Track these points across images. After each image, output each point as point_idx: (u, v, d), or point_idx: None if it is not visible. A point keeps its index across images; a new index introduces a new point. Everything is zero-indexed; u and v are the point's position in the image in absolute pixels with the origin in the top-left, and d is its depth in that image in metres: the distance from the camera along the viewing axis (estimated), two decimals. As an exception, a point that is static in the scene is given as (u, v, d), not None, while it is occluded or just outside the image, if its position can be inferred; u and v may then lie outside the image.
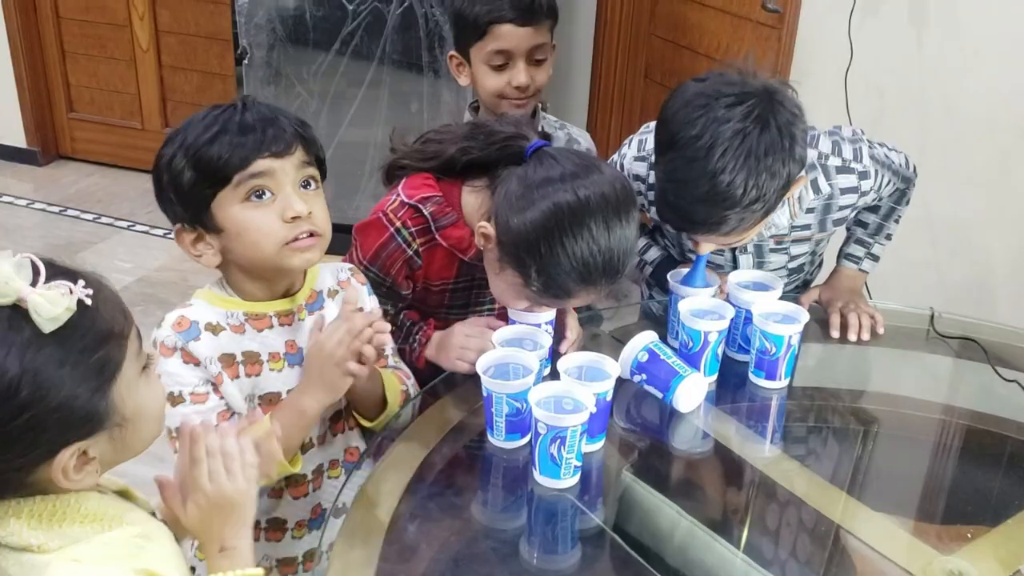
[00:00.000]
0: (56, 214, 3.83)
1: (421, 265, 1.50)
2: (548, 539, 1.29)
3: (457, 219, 1.47)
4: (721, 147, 1.35)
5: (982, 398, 1.63)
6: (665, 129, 1.43)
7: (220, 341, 1.27)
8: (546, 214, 1.29)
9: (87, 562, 0.90)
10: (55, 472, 0.90)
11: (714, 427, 1.49)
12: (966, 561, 1.21)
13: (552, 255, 1.29)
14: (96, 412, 0.90)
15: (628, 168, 1.72)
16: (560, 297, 1.35)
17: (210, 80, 3.91)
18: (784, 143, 1.39)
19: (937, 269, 2.59)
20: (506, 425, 1.33)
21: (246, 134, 1.20)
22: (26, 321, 0.85)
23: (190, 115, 1.26)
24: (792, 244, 1.73)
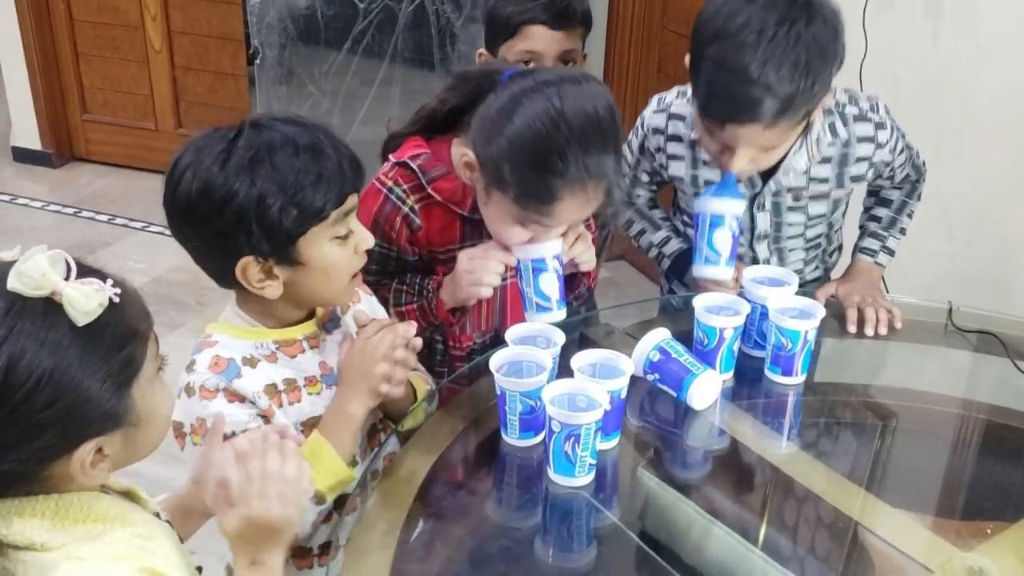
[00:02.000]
0: (71, 215, 3.85)
1: (420, 226, 1.49)
2: (563, 537, 1.28)
3: (447, 172, 1.47)
4: (771, 31, 1.39)
5: (1001, 392, 1.61)
6: (708, 24, 1.45)
7: (259, 374, 1.25)
8: (523, 119, 1.30)
9: (91, 560, 0.91)
10: (74, 465, 0.91)
11: (730, 424, 1.48)
12: (986, 557, 1.20)
13: (530, 154, 1.30)
14: (117, 409, 0.91)
15: (648, 123, 1.73)
16: (546, 202, 1.33)
17: (223, 80, 3.92)
18: (828, 32, 1.43)
19: (954, 262, 2.56)
20: (520, 423, 1.32)
21: (344, 172, 1.21)
22: (59, 315, 0.87)
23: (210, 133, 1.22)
24: (810, 202, 1.71)
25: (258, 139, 1.18)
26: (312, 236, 1.21)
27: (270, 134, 1.19)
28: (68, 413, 0.87)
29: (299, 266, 1.22)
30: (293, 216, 1.17)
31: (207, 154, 1.17)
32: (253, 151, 1.17)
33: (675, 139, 1.71)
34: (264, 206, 1.16)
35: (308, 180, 1.18)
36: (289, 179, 1.17)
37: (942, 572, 1.18)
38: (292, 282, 1.24)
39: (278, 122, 1.21)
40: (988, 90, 2.42)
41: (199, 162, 1.17)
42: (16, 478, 0.90)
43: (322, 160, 1.19)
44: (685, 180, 1.73)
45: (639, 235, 1.87)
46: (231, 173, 1.16)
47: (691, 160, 1.71)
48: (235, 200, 1.16)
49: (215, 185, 1.16)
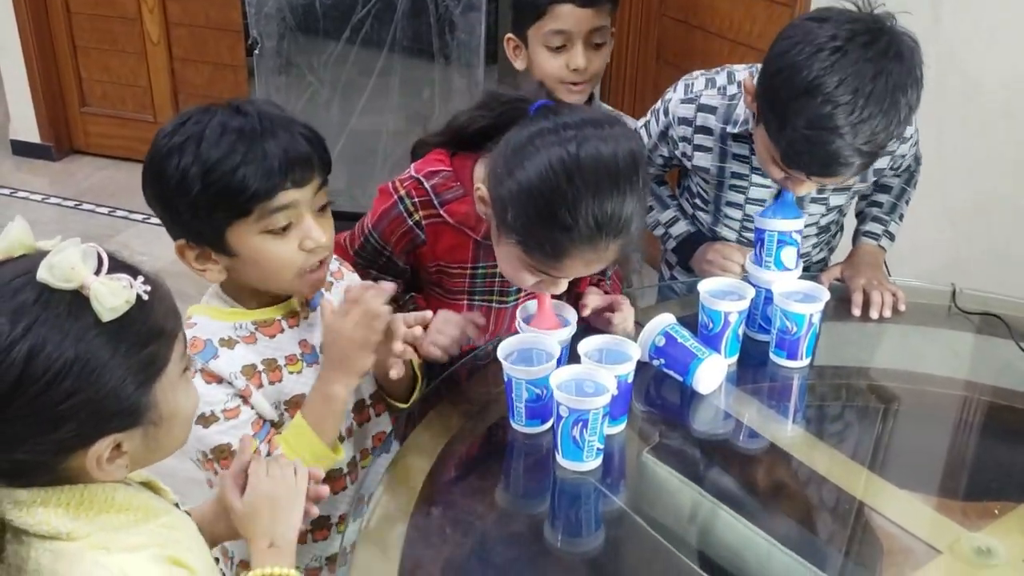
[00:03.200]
0: (71, 208, 3.85)
1: (425, 240, 1.47)
2: (572, 521, 1.29)
3: (464, 194, 1.43)
4: (867, 88, 1.35)
5: (1005, 373, 1.61)
6: (795, 72, 1.38)
7: (237, 354, 1.25)
8: (535, 168, 1.22)
9: (116, 550, 0.91)
10: (89, 460, 0.91)
11: (736, 408, 1.48)
12: (994, 537, 1.21)
13: (540, 208, 1.22)
14: (137, 406, 0.91)
15: (673, 111, 1.70)
16: (555, 258, 1.26)
17: (221, 72, 3.91)
18: (916, 73, 1.40)
19: (956, 251, 2.56)
20: (526, 411, 1.33)
21: (271, 164, 1.15)
22: (86, 308, 0.87)
23: (196, 108, 1.19)
24: (832, 194, 1.72)
25: (206, 119, 1.16)
26: (238, 228, 1.18)
27: (220, 118, 1.16)
28: (87, 406, 0.87)
29: (232, 256, 1.21)
30: (211, 206, 1.15)
31: (171, 125, 1.18)
32: (192, 130, 1.15)
33: (704, 131, 1.69)
34: (184, 189, 1.15)
35: (227, 168, 1.14)
36: (208, 165, 1.14)
37: (950, 552, 1.19)
38: (232, 269, 1.23)
39: (234, 107, 1.19)
40: (990, 75, 2.42)
41: (162, 131, 1.18)
42: (33, 468, 0.90)
43: (250, 149, 1.15)
44: (711, 171, 1.72)
45: (647, 212, 1.85)
46: (166, 150, 1.16)
47: (719, 152, 1.69)
48: (163, 178, 1.16)
49: (157, 159, 1.17)
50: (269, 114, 1.20)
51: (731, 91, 1.67)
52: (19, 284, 0.86)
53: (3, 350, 0.84)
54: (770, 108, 1.46)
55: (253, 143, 1.15)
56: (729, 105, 1.66)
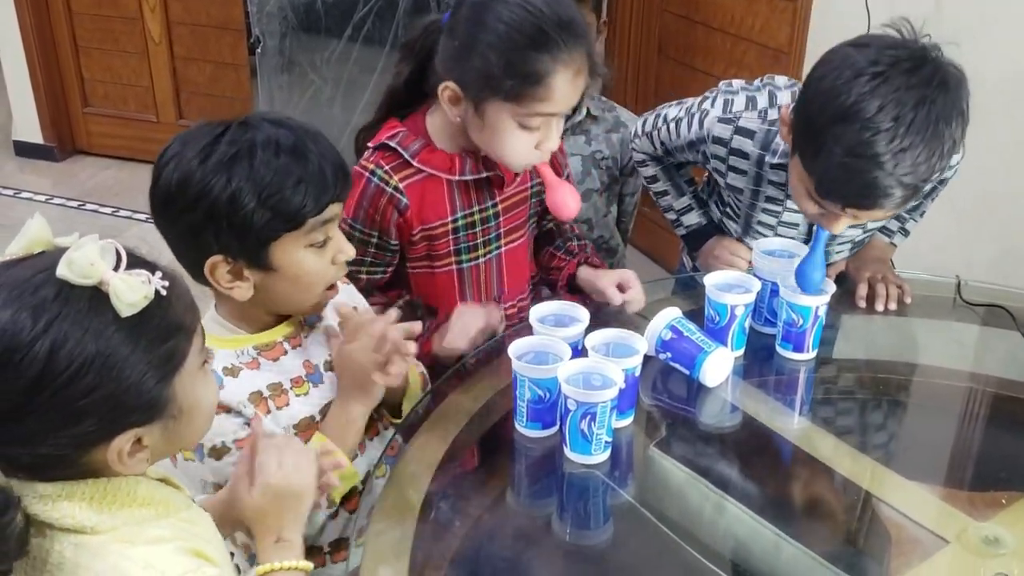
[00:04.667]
0: (75, 209, 3.86)
1: (409, 204, 1.47)
2: (580, 515, 1.29)
3: (427, 143, 1.47)
4: (908, 116, 1.30)
5: (1011, 365, 1.62)
6: (834, 101, 1.33)
7: (242, 382, 1.24)
8: (478, 15, 1.34)
9: (140, 543, 0.92)
10: (111, 454, 0.91)
11: (742, 400, 1.49)
12: (1001, 527, 1.21)
13: (499, 37, 1.33)
14: (158, 400, 0.92)
15: (709, 128, 1.64)
16: (539, 82, 1.34)
17: (223, 70, 3.92)
18: (961, 106, 1.35)
19: (961, 243, 2.56)
20: (528, 411, 1.32)
21: (325, 178, 1.19)
22: (105, 304, 0.87)
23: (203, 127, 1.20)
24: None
25: (242, 136, 1.17)
26: (285, 241, 1.19)
27: (254, 133, 1.17)
28: (108, 401, 0.88)
29: (270, 271, 1.21)
30: (266, 219, 1.16)
31: (191, 147, 1.17)
32: (235, 148, 1.16)
33: (740, 154, 1.63)
34: (237, 205, 1.15)
35: (286, 184, 1.16)
36: (266, 180, 1.15)
37: (958, 542, 1.19)
38: (263, 287, 1.22)
39: (266, 122, 1.20)
40: (993, 67, 2.41)
41: (182, 154, 1.17)
42: (55, 463, 0.91)
43: (303, 164, 1.17)
44: (744, 193, 1.69)
45: (661, 195, 1.84)
46: (209, 169, 1.15)
47: (755, 177, 1.65)
48: (209, 196, 1.15)
49: (192, 179, 1.15)
50: (307, 128, 1.22)
51: (772, 115, 1.60)
52: (39, 280, 0.87)
53: (25, 346, 0.85)
54: (806, 135, 1.40)
55: (305, 158, 1.18)
56: (769, 131, 1.60)
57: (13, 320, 0.85)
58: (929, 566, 1.18)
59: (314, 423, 1.30)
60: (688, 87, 2.98)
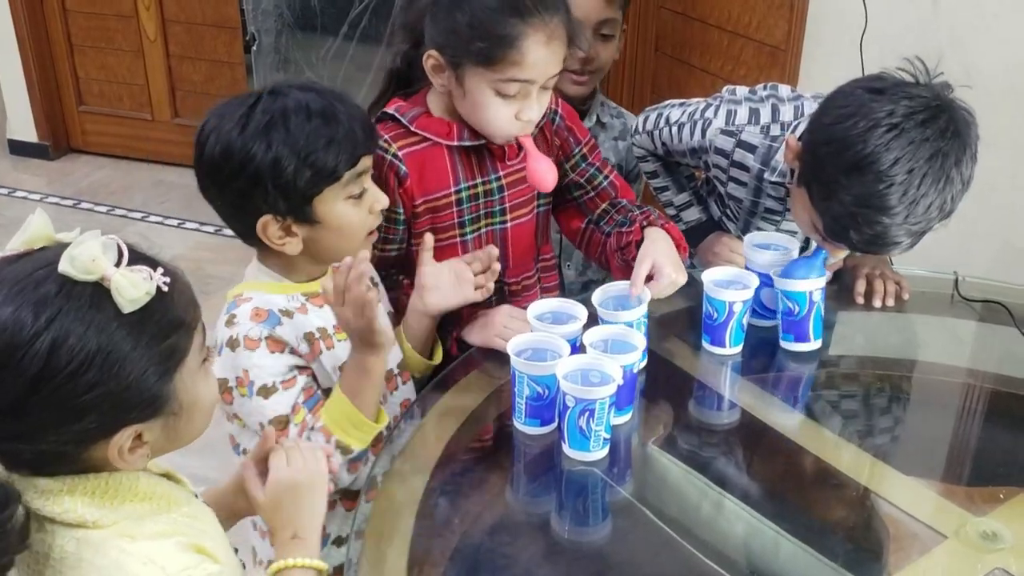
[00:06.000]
0: (70, 208, 3.84)
1: (408, 173, 1.48)
2: (579, 512, 1.29)
3: (426, 111, 1.50)
4: (922, 170, 1.31)
5: (1008, 361, 1.62)
6: (846, 149, 1.34)
7: (296, 323, 1.31)
8: None
9: (141, 538, 0.93)
10: (111, 450, 0.92)
11: (741, 397, 1.49)
12: (999, 522, 1.21)
13: (483, 8, 1.36)
14: (158, 397, 0.92)
15: (711, 139, 1.64)
16: (511, 46, 1.36)
17: (219, 68, 3.90)
18: (972, 149, 1.36)
19: (959, 236, 2.56)
20: (526, 408, 1.32)
21: (355, 134, 1.28)
22: (107, 300, 0.88)
23: (234, 100, 1.28)
24: None
25: (274, 105, 1.25)
26: (326, 196, 1.27)
27: (285, 100, 1.26)
28: (109, 397, 0.88)
29: (316, 224, 1.29)
30: (307, 177, 1.25)
31: (228, 119, 1.25)
32: (269, 116, 1.24)
33: (740, 166, 1.64)
34: (279, 168, 1.24)
35: (320, 143, 1.25)
36: (302, 142, 1.24)
37: (956, 537, 1.19)
38: (310, 239, 1.30)
39: (295, 88, 1.28)
40: (991, 60, 2.42)
41: (221, 127, 1.25)
42: (56, 459, 0.91)
43: (334, 124, 1.26)
44: (744, 202, 1.70)
45: (661, 190, 1.85)
46: (249, 137, 1.24)
47: (754, 189, 1.66)
48: (252, 163, 1.23)
49: (234, 148, 1.24)
50: (332, 91, 1.31)
51: (774, 131, 1.60)
52: (41, 276, 0.87)
53: (27, 341, 0.85)
54: (816, 177, 1.41)
55: (335, 118, 1.26)
56: (770, 147, 1.60)
57: (14, 316, 0.85)
58: (927, 561, 1.18)
59: None
60: (685, 84, 2.98)
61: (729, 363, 1.52)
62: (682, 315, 1.61)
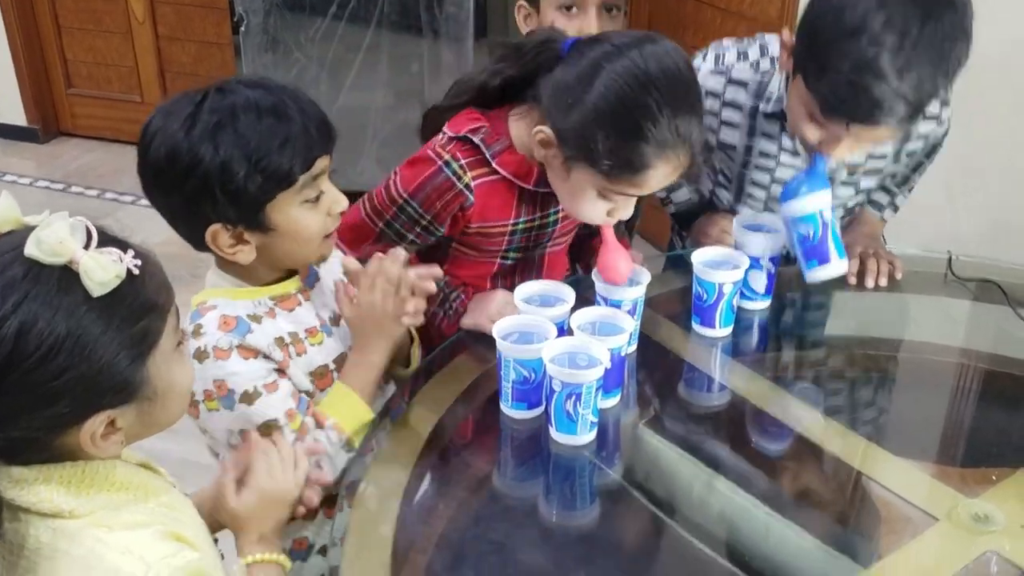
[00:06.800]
0: (60, 191, 3.82)
1: (473, 203, 1.43)
2: (567, 495, 1.28)
3: (509, 145, 1.42)
4: (915, 30, 1.30)
5: (1003, 340, 1.61)
6: (837, 17, 1.34)
7: (265, 328, 1.26)
8: (608, 86, 1.26)
9: (118, 528, 0.91)
10: (83, 436, 0.90)
11: (731, 379, 1.47)
12: (991, 504, 1.20)
13: (621, 122, 1.26)
14: (131, 382, 0.90)
15: (702, 83, 1.58)
16: (637, 171, 1.29)
17: (207, 49, 3.87)
18: (966, 26, 1.34)
19: (953, 214, 2.55)
20: (513, 392, 1.31)
21: (311, 134, 1.19)
22: (76, 283, 0.86)
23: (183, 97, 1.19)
24: (863, 177, 1.68)
25: (222, 103, 1.17)
26: (280, 202, 1.19)
27: (233, 98, 1.17)
28: (80, 383, 0.87)
29: (269, 231, 1.21)
30: (259, 183, 1.16)
31: (174, 119, 1.16)
32: (217, 116, 1.15)
33: (733, 106, 1.63)
34: (229, 173, 1.15)
35: (273, 144, 1.16)
36: (252, 144, 1.15)
37: (948, 519, 1.18)
38: (264, 246, 1.23)
39: (243, 86, 1.19)
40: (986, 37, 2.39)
41: (166, 127, 1.17)
42: (27, 446, 0.90)
43: (286, 122, 1.17)
44: (737, 149, 1.68)
45: None
46: (195, 139, 1.15)
47: (748, 129, 1.65)
48: (200, 167, 1.15)
49: (180, 151, 1.15)
50: (284, 87, 1.22)
51: (764, 66, 1.61)
52: (7, 260, 0.85)
53: None
54: (810, 54, 1.39)
55: (288, 117, 1.18)
56: (761, 82, 1.60)
57: None
58: (918, 544, 1.17)
59: (328, 371, 1.32)
60: (677, 63, 2.95)
61: (719, 344, 1.51)
62: (672, 297, 1.60)
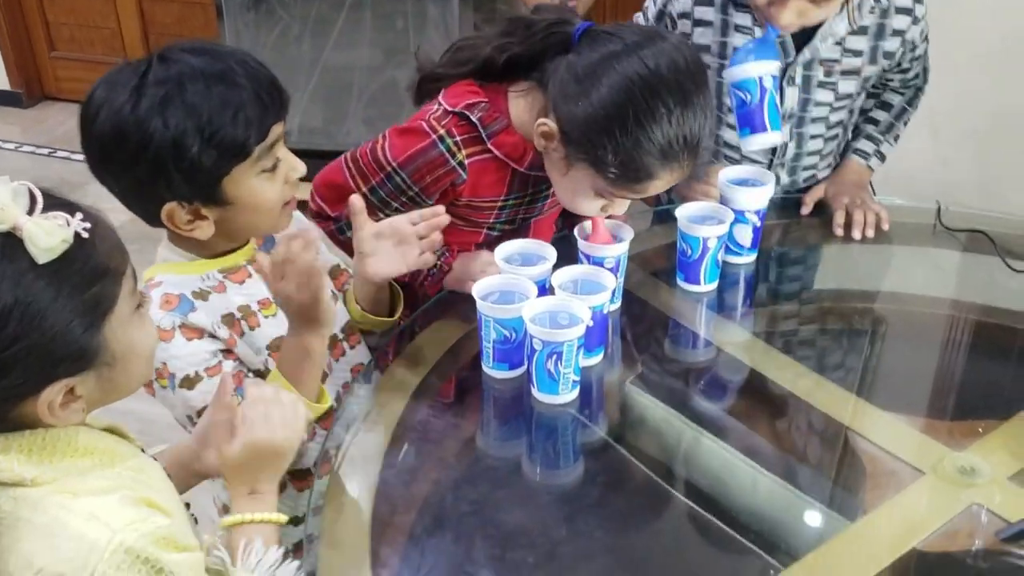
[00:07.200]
0: (45, 156, 3.78)
1: (465, 180, 1.41)
2: (550, 454, 1.27)
3: (507, 125, 1.38)
4: None
5: (992, 291, 1.59)
6: None
7: (212, 305, 1.22)
8: (615, 88, 1.23)
9: (83, 494, 0.89)
10: (40, 407, 0.88)
11: (716, 335, 1.46)
12: (977, 456, 1.19)
13: (627, 131, 1.23)
14: (87, 349, 0.88)
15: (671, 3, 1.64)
16: (640, 180, 1.28)
17: (191, 9, 3.82)
18: None
19: (943, 162, 2.52)
20: (494, 352, 1.29)
21: (263, 101, 1.14)
22: (21, 251, 0.83)
23: (124, 68, 1.13)
24: (841, 79, 1.65)
25: (167, 73, 1.11)
26: (236, 174, 1.15)
27: (178, 67, 1.11)
28: (33, 352, 0.84)
29: (227, 205, 1.17)
30: (214, 158, 1.12)
31: (119, 91, 1.10)
32: (164, 89, 1.10)
33: (705, 2, 1.62)
34: (182, 150, 1.10)
35: (226, 116, 1.11)
36: (204, 117, 1.10)
37: (934, 473, 1.17)
38: (222, 220, 1.19)
39: (186, 53, 1.14)
40: None
41: (111, 100, 1.11)
42: None
43: (237, 91, 1.12)
44: (712, 49, 1.65)
45: None
46: (143, 114, 1.09)
47: (720, 25, 1.63)
48: (151, 146, 1.10)
49: (128, 127, 1.10)
50: (231, 52, 1.16)
51: None
52: None
53: None
54: None
55: (237, 84, 1.12)
56: None
57: None
58: (904, 497, 1.16)
59: None
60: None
61: (704, 300, 1.49)
62: (656, 253, 1.58)
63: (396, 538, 1.11)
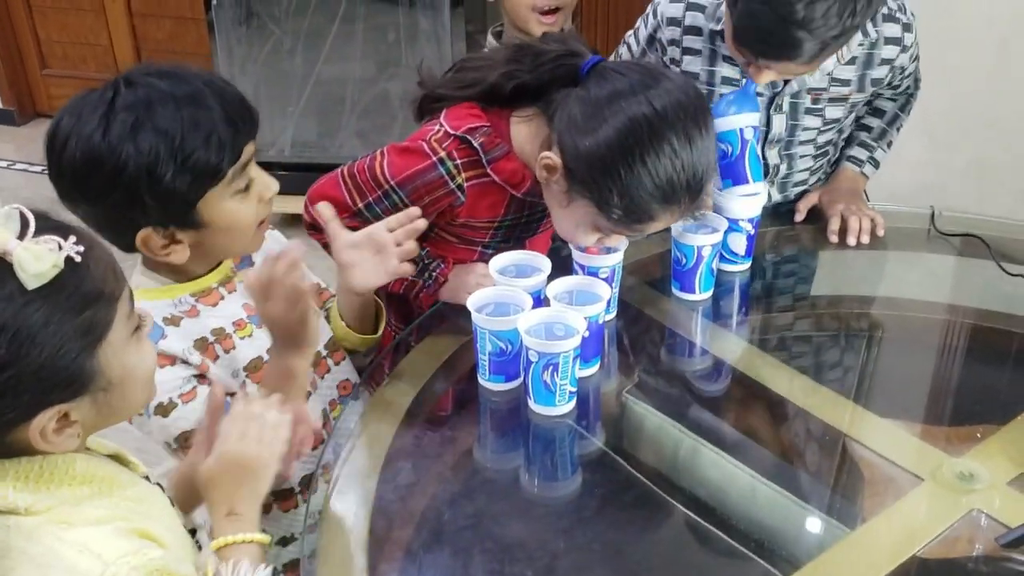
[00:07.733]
0: (39, 174, 3.78)
1: (463, 203, 1.40)
2: (548, 466, 1.26)
3: (508, 151, 1.38)
4: None
5: (987, 295, 1.59)
6: None
7: (184, 331, 1.21)
8: (622, 131, 1.22)
9: (78, 524, 0.88)
10: (32, 433, 0.87)
11: (712, 343, 1.46)
12: (976, 462, 1.19)
13: (633, 175, 1.22)
14: (80, 374, 0.87)
15: (662, 12, 1.63)
16: (641, 222, 1.28)
17: (183, 25, 3.82)
18: None
19: (936, 167, 2.53)
20: (490, 364, 1.29)
21: (234, 121, 1.13)
22: (11, 275, 0.82)
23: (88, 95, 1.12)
24: (828, 105, 1.65)
25: (135, 98, 1.10)
26: (211, 197, 1.14)
27: (147, 91, 1.10)
28: (24, 378, 0.83)
29: (202, 228, 1.17)
30: (188, 182, 1.11)
31: (87, 119, 1.09)
32: (133, 114, 1.09)
33: (693, 31, 1.62)
34: (155, 176, 1.09)
35: (198, 140, 1.10)
36: (176, 141, 1.09)
37: (933, 479, 1.17)
38: (197, 243, 1.19)
39: (152, 76, 1.12)
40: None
41: (80, 129, 1.09)
42: None
43: (207, 112, 1.11)
44: (701, 77, 1.66)
45: None
46: (114, 141, 1.08)
47: (709, 55, 1.63)
48: (124, 173, 1.08)
49: (100, 155, 1.08)
50: (197, 73, 1.15)
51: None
52: None
53: None
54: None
55: (207, 107, 1.11)
56: (718, 4, 1.59)
57: None
58: (903, 504, 1.15)
59: (263, 363, 1.27)
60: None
61: (700, 309, 1.49)
62: (651, 262, 1.58)
63: (394, 553, 1.10)
